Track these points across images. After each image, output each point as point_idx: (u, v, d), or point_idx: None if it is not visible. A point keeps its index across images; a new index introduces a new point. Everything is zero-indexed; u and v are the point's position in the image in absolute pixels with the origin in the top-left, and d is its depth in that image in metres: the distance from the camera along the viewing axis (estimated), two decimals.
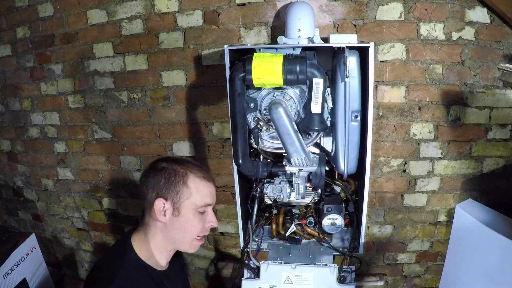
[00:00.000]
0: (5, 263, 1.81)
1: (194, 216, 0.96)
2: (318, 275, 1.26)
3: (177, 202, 0.95)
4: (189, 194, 0.95)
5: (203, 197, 0.97)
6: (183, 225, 0.96)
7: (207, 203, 0.98)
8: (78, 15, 1.80)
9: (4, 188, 2.45)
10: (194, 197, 0.95)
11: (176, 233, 0.97)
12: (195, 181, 0.96)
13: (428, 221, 1.78)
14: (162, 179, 0.94)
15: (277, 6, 1.57)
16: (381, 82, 1.59)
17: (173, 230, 0.96)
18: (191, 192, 0.95)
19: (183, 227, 0.96)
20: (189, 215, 0.96)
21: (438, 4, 1.48)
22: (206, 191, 0.98)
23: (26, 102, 2.10)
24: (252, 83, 1.11)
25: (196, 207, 0.96)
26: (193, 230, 0.97)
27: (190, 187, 0.95)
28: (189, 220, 0.96)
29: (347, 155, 1.24)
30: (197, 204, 0.96)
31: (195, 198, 0.95)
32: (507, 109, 1.57)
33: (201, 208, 0.97)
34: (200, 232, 0.99)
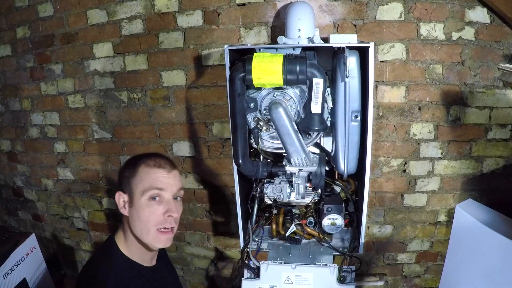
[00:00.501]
0: (5, 263, 1.81)
1: (147, 204, 0.95)
2: (318, 275, 1.26)
3: (131, 193, 0.96)
4: (137, 182, 0.95)
5: (150, 182, 0.95)
6: (139, 216, 0.95)
7: (155, 187, 0.95)
8: (78, 15, 1.81)
9: (4, 188, 2.45)
10: (142, 184, 0.95)
11: (136, 225, 0.96)
12: (144, 170, 0.97)
13: (428, 221, 1.78)
14: (122, 172, 0.99)
15: (277, 6, 1.57)
16: (381, 82, 1.59)
17: (133, 222, 0.96)
18: (138, 180, 0.95)
19: (138, 217, 0.95)
20: (141, 203, 0.94)
21: (438, 4, 1.48)
22: (154, 176, 0.96)
23: (26, 102, 2.10)
24: (252, 83, 1.11)
25: (144, 193, 0.94)
26: (148, 220, 0.95)
27: (138, 175, 0.96)
28: (142, 209, 0.94)
29: (347, 155, 1.24)
30: (145, 190, 0.94)
31: (142, 185, 0.95)
32: (507, 109, 1.57)
33: (150, 193, 0.94)
34: (158, 222, 0.95)
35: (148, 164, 0.97)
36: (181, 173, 1.91)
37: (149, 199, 0.94)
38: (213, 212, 1.96)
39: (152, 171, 0.96)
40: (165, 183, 0.97)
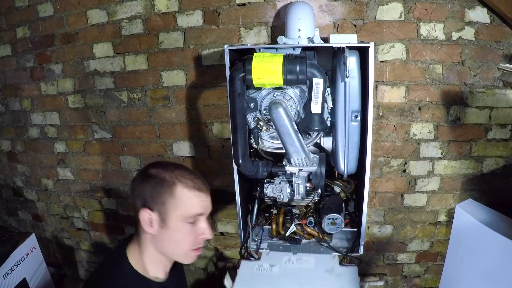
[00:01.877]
0: (5, 263, 1.81)
1: (183, 227, 0.89)
2: (320, 258, 1.29)
3: (163, 213, 0.87)
4: (176, 206, 0.87)
5: (192, 208, 0.89)
6: (172, 237, 0.89)
7: (196, 214, 0.90)
8: (78, 15, 1.81)
9: (4, 188, 2.45)
10: (181, 208, 0.88)
11: (166, 245, 0.90)
12: (183, 192, 0.88)
13: (428, 221, 1.78)
14: (149, 188, 0.87)
15: (277, 6, 1.57)
16: (381, 82, 1.59)
17: (162, 242, 0.90)
18: (177, 204, 0.87)
19: (172, 239, 0.89)
20: (177, 226, 0.88)
21: (438, 4, 1.48)
22: (195, 201, 0.90)
23: (26, 102, 2.10)
24: (252, 83, 1.11)
25: (183, 218, 0.88)
26: (184, 243, 0.90)
27: (177, 198, 0.87)
28: (178, 232, 0.88)
29: (347, 155, 1.24)
30: (184, 215, 0.88)
31: (182, 210, 0.88)
32: (507, 109, 1.57)
33: (190, 219, 0.89)
34: (193, 244, 0.92)
35: (187, 185, 0.89)
36: None
37: (188, 223, 0.89)
38: (213, 212, 1.96)
39: (193, 195, 0.89)
40: (206, 208, 0.92)
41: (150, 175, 0.89)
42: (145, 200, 0.88)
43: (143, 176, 0.90)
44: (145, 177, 0.89)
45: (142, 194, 0.88)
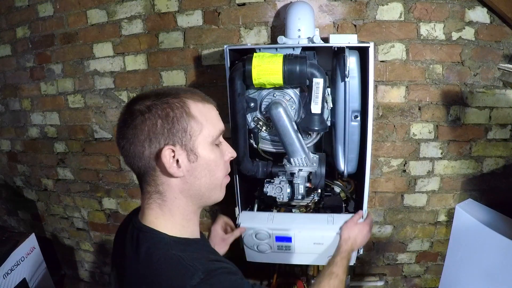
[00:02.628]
0: (5, 263, 1.81)
1: (213, 151, 0.72)
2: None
3: (188, 142, 0.68)
4: (200, 126, 0.69)
5: (216, 124, 0.73)
6: (206, 168, 0.71)
7: (221, 130, 0.75)
8: (78, 15, 1.80)
9: (4, 188, 2.45)
10: (207, 127, 0.70)
11: (201, 182, 0.71)
12: (199, 107, 0.70)
13: (428, 221, 1.78)
14: (158, 120, 0.66)
15: (277, 6, 1.57)
16: (381, 82, 1.59)
17: (196, 180, 0.71)
18: (201, 123, 0.69)
19: (207, 171, 0.71)
20: (207, 153, 0.71)
21: (438, 4, 1.48)
22: (214, 114, 0.74)
23: (26, 102, 2.10)
24: (252, 83, 1.11)
25: (212, 139, 0.71)
26: (219, 169, 0.74)
27: (196, 117, 0.69)
28: (211, 159, 0.71)
29: (347, 155, 1.24)
30: (212, 135, 0.71)
31: (208, 129, 0.70)
32: (507, 109, 1.57)
33: (217, 137, 0.73)
34: (226, 170, 0.77)
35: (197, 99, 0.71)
36: None
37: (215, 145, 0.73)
38: (213, 212, 1.96)
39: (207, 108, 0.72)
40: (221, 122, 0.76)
41: (148, 106, 0.67)
42: (160, 137, 0.66)
43: (136, 113, 0.66)
44: (142, 113, 0.66)
45: (151, 132, 0.66)
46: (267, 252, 1.26)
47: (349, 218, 1.19)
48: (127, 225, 0.76)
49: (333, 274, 0.96)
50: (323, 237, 1.19)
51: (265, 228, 1.21)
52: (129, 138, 0.67)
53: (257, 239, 1.23)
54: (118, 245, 0.79)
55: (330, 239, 1.19)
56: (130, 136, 0.67)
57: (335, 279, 0.95)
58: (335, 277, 0.95)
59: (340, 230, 1.16)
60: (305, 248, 1.23)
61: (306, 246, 1.22)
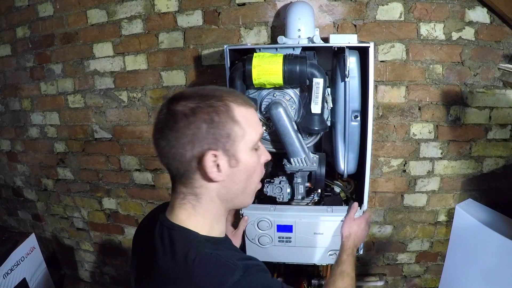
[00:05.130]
0: (5, 263, 1.82)
1: (253, 156, 0.71)
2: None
3: (231, 147, 0.67)
4: (243, 132, 0.68)
5: (257, 129, 0.71)
6: (245, 173, 0.70)
7: (261, 134, 0.74)
8: (78, 15, 1.80)
9: (4, 188, 2.45)
10: (249, 133, 0.69)
11: (239, 187, 0.71)
12: (242, 112, 0.68)
13: (428, 221, 1.78)
14: (203, 124, 0.64)
15: (277, 6, 1.57)
16: (381, 82, 1.59)
17: (235, 185, 0.70)
18: (244, 128, 0.68)
19: (246, 176, 0.71)
20: (248, 158, 0.70)
21: (438, 4, 1.48)
22: (255, 118, 0.72)
23: (26, 102, 2.10)
24: (252, 83, 1.11)
25: (253, 144, 0.70)
26: (257, 175, 0.74)
27: (240, 122, 0.67)
28: (251, 165, 0.71)
29: (347, 155, 1.24)
30: (253, 140, 0.70)
31: (250, 135, 0.69)
32: (507, 109, 1.57)
33: (257, 142, 0.72)
34: (262, 174, 0.76)
35: (240, 103, 0.69)
36: None
37: (254, 150, 0.72)
38: None
39: (250, 113, 0.70)
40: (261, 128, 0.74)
41: (192, 108, 0.64)
42: (203, 141, 0.64)
43: (179, 115, 0.64)
44: (185, 115, 0.64)
45: (194, 136, 0.64)
46: (268, 246, 1.26)
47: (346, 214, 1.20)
48: (152, 222, 0.75)
49: (344, 273, 0.97)
50: (323, 226, 1.20)
51: (267, 216, 1.21)
52: (170, 140, 0.65)
53: (259, 228, 1.23)
54: (144, 242, 0.78)
55: (330, 228, 1.20)
56: (172, 138, 0.65)
57: (347, 277, 0.96)
58: (347, 275, 0.96)
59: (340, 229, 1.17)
60: (305, 239, 1.23)
61: (307, 237, 1.23)
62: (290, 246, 1.25)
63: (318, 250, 1.25)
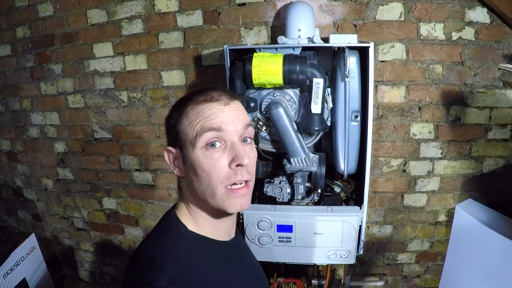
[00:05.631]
0: (5, 263, 1.81)
1: (204, 154, 0.66)
2: None
3: (182, 144, 0.68)
4: (187, 126, 0.67)
5: (203, 122, 0.66)
6: (196, 172, 0.67)
7: (210, 127, 0.66)
8: (78, 15, 1.80)
9: (4, 188, 2.45)
10: (192, 126, 0.67)
11: (196, 186, 0.69)
12: (193, 107, 0.68)
13: (428, 221, 1.78)
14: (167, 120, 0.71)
15: (277, 6, 1.57)
16: (381, 82, 1.59)
17: (192, 184, 0.69)
18: (188, 122, 0.67)
19: (197, 175, 0.67)
20: (196, 155, 0.66)
21: (438, 4, 1.48)
22: (206, 113, 0.67)
23: (26, 102, 2.10)
24: (252, 83, 1.11)
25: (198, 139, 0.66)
26: (210, 176, 0.66)
27: (187, 116, 0.68)
28: (199, 162, 0.66)
29: (347, 155, 1.25)
30: (196, 133, 0.66)
31: (193, 128, 0.66)
32: (507, 109, 1.57)
33: (205, 137, 0.65)
34: (224, 177, 0.66)
35: (196, 101, 0.68)
36: None
37: (206, 147, 0.66)
38: None
39: (203, 107, 0.67)
40: (223, 121, 0.66)
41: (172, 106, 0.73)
42: (167, 137, 0.72)
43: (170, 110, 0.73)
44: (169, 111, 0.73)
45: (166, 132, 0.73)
46: (268, 246, 1.26)
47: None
48: None
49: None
50: (323, 226, 1.20)
51: (267, 216, 1.21)
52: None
53: (259, 228, 1.23)
54: None
55: (330, 228, 1.20)
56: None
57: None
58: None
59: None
60: (305, 239, 1.23)
61: (307, 237, 1.23)
62: (290, 246, 1.25)
63: (318, 250, 1.25)
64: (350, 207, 1.30)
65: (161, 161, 1.93)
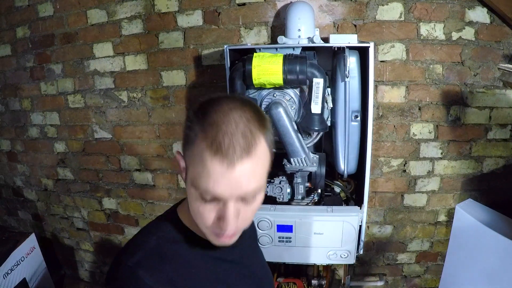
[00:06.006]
0: (5, 263, 1.81)
1: (197, 198, 0.60)
2: None
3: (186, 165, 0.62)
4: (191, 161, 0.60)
5: (203, 181, 0.57)
6: (189, 199, 0.64)
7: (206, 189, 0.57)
8: (78, 15, 1.80)
9: (4, 188, 2.45)
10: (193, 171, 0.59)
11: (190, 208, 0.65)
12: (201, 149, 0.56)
13: (428, 221, 1.78)
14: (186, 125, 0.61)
15: (277, 6, 1.57)
16: (381, 82, 1.59)
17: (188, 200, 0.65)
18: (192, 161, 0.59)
19: (189, 202, 0.64)
20: (190, 192, 0.61)
21: (438, 4, 1.48)
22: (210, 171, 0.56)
23: (26, 102, 2.10)
24: (252, 83, 1.11)
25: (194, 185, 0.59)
26: (197, 217, 0.63)
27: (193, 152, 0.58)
28: (191, 198, 0.62)
29: (347, 155, 1.25)
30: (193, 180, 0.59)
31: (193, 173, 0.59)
32: (507, 109, 1.57)
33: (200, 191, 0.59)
34: (210, 226, 0.62)
35: (209, 144, 0.55)
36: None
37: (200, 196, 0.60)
38: None
39: (209, 162, 0.55)
40: (226, 188, 0.57)
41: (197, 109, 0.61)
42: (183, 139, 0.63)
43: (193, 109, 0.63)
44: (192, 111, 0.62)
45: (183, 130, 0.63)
46: (267, 246, 1.26)
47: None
48: None
49: None
50: (323, 226, 1.20)
51: (267, 215, 1.21)
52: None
53: (259, 228, 1.23)
54: None
55: (330, 228, 1.20)
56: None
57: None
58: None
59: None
60: (305, 239, 1.23)
61: (307, 237, 1.23)
62: (290, 246, 1.25)
63: (318, 250, 1.25)
64: (350, 207, 1.30)
65: (161, 161, 1.93)
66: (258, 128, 0.58)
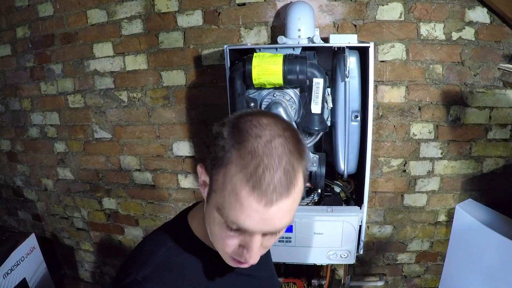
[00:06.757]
0: (5, 263, 1.82)
1: (220, 225, 0.57)
2: None
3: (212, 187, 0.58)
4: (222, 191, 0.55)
5: (237, 216, 0.54)
6: (209, 221, 0.61)
7: (238, 225, 0.54)
8: (78, 15, 1.80)
9: (4, 188, 2.45)
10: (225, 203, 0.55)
11: (207, 229, 0.63)
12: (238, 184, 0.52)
13: (428, 221, 1.78)
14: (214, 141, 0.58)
15: (277, 6, 1.57)
16: (381, 82, 1.59)
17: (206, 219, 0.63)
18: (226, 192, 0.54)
19: (209, 224, 0.61)
20: (214, 217, 0.58)
21: (438, 4, 1.48)
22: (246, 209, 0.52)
23: (26, 102, 2.10)
24: (252, 83, 1.11)
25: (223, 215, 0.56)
26: (218, 240, 0.61)
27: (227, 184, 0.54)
28: (213, 222, 0.59)
29: (347, 155, 1.25)
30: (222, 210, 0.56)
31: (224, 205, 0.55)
32: (507, 109, 1.57)
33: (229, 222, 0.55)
34: (231, 251, 0.60)
35: (247, 176, 0.51)
36: (181, 173, 1.92)
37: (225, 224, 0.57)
38: None
39: (245, 197, 0.52)
40: (255, 225, 0.54)
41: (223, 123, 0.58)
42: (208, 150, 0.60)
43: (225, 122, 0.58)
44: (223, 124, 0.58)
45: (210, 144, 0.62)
46: None
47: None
48: None
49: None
50: (323, 226, 1.20)
51: None
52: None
53: None
54: None
55: (330, 228, 1.20)
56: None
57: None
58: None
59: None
60: (305, 239, 1.23)
61: (307, 237, 1.23)
62: (290, 246, 1.25)
63: (318, 250, 1.25)
64: (350, 207, 1.30)
65: (161, 161, 1.93)
66: (299, 162, 0.56)
